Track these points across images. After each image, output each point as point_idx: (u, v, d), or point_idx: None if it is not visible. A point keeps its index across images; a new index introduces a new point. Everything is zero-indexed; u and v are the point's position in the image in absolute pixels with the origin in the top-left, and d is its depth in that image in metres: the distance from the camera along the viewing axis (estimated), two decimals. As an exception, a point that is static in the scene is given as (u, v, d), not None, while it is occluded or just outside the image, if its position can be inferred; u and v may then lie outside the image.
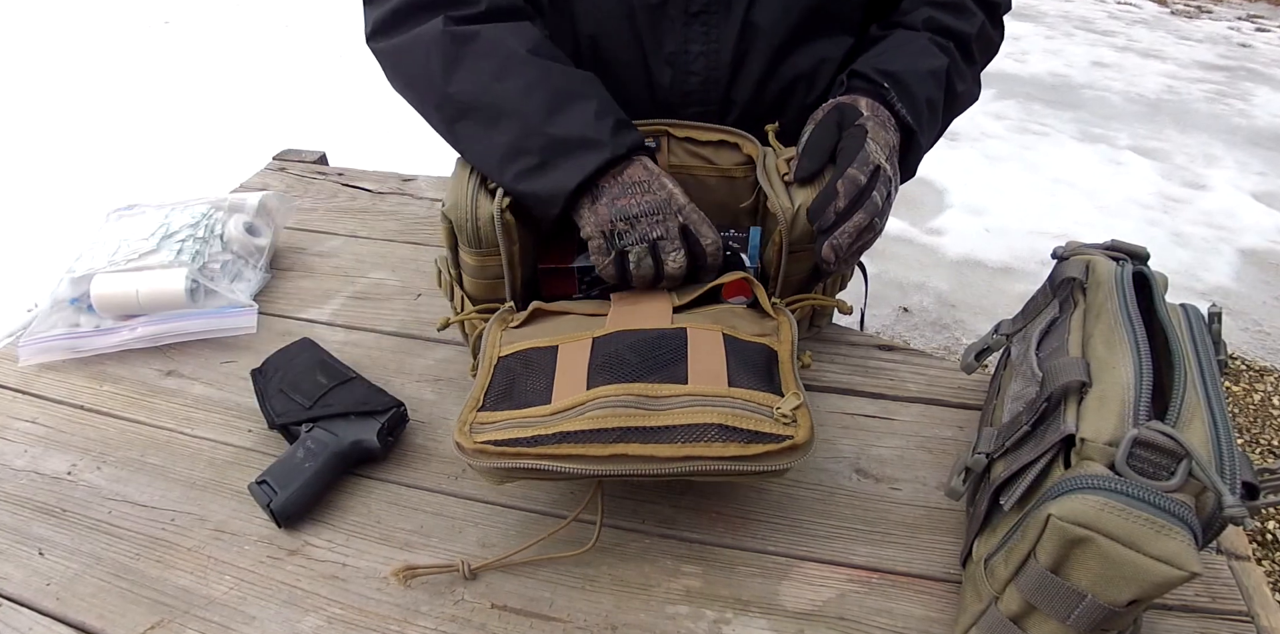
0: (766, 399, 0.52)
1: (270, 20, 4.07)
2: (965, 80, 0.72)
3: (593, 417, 0.50)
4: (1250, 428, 1.80)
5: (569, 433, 0.50)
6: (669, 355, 0.55)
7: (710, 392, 0.52)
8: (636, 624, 0.52)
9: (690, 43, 0.70)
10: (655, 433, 0.50)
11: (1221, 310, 0.53)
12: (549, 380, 0.55)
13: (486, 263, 0.64)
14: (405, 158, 2.51)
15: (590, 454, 0.49)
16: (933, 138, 0.71)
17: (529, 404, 0.54)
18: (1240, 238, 2.54)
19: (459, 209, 0.62)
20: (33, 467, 0.63)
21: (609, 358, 0.55)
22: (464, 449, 0.51)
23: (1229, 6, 5.34)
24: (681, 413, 0.50)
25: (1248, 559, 0.57)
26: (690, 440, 0.49)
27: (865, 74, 0.67)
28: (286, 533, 0.58)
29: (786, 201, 0.63)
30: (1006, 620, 0.46)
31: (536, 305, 0.63)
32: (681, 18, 0.69)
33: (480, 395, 0.55)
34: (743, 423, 0.50)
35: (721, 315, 0.61)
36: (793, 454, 0.50)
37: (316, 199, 1.02)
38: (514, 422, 0.52)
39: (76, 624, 0.52)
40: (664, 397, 0.52)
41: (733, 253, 0.67)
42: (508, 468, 0.50)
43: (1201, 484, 0.39)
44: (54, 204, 2.37)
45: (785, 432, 0.50)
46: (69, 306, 0.76)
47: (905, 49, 0.70)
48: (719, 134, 0.69)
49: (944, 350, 1.98)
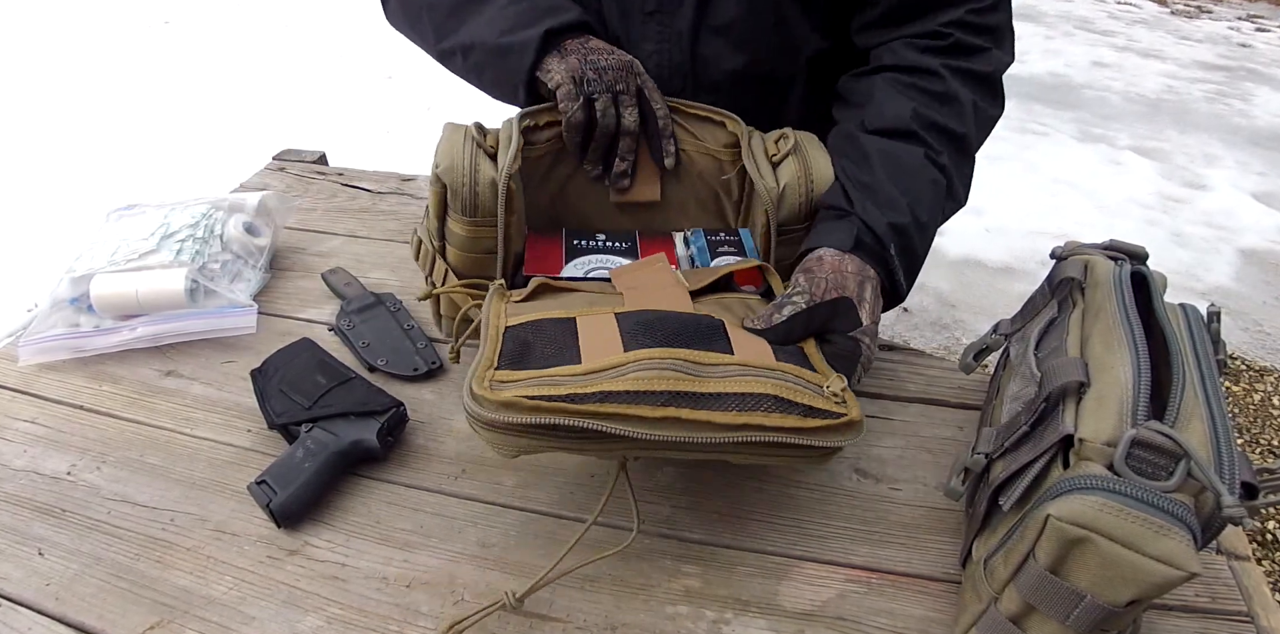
0: (814, 377, 0.50)
1: (270, 20, 4.07)
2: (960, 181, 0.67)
3: (637, 377, 0.45)
4: (1250, 428, 1.80)
5: (612, 392, 0.44)
6: (707, 330, 0.52)
7: (759, 363, 0.49)
8: (636, 624, 0.52)
9: (645, 41, 0.74)
10: (707, 400, 0.46)
11: (1220, 310, 0.53)
12: (573, 345, 0.49)
13: (480, 234, 0.60)
14: (405, 158, 2.51)
15: (640, 415, 0.44)
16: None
17: (556, 364, 0.47)
18: (1240, 238, 2.54)
19: (455, 171, 0.58)
20: (32, 467, 0.63)
21: (642, 325, 0.51)
22: (484, 401, 0.44)
23: (1229, 6, 5.34)
24: (733, 381, 0.47)
25: (1248, 559, 0.57)
26: (746, 409, 0.46)
27: (872, 227, 0.61)
28: (286, 533, 0.58)
29: (772, 181, 0.63)
30: (1006, 621, 0.46)
31: (541, 280, 0.58)
32: (639, 17, 0.73)
33: (493, 356, 0.48)
34: (797, 396, 0.47)
35: (735, 306, 0.59)
36: (848, 432, 0.48)
37: (316, 199, 1.02)
38: (542, 379, 0.46)
39: (76, 624, 0.52)
40: (712, 364, 0.48)
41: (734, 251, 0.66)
42: (540, 426, 0.43)
43: (1200, 484, 0.39)
44: (54, 204, 2.37)
45: (839, 409, 0.48)
46: (69, 306, 0.76)
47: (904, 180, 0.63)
48: (706, 111, 0.68)
49: (944, 350, 1.98)
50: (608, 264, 0.65)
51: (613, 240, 0.68)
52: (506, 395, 0.44)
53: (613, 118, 0.64)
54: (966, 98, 0.67)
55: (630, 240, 0.68)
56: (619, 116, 0.65)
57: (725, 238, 0.68)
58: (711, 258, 0.65)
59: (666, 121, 0.67)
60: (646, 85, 0.67)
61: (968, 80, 0.67)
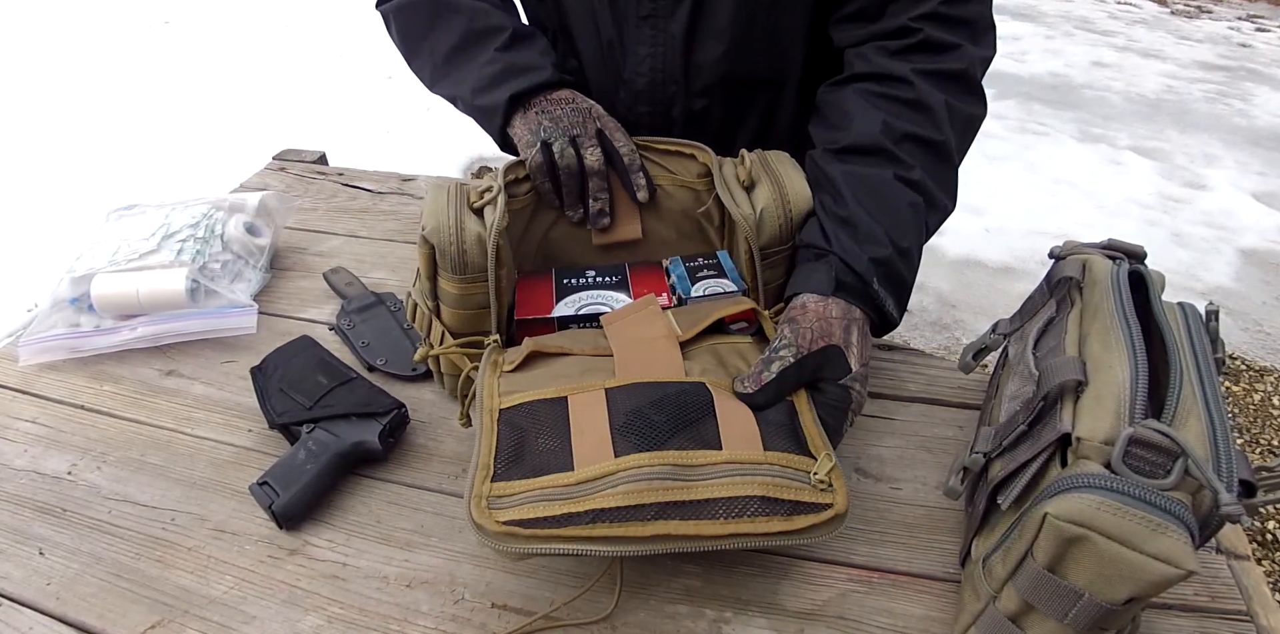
0: (802, 463, 0.50)
1: (270, 20, 4.08)
2: (939, 208, 0.66)
3: (626, 491, 0.47)
4: (1250, 428, 1.80)
5: (603, 511, 0.46)
6: (695, 413, 0.52)
7: (747, 458, 0.50)
8: (636, 624, 0.52)
9: (640, 44, 0.74)
10: (695, 507, 0.47)
11: (1218, 309, 0.53)
12: (565, 439, 0.51)
13: (470, 291, 0.61)
14: (405, 158, 2.51)
15: (630, 535, 0.46)
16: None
17: (547, 469, 0.49)
18: (1240, 238, 2.55)
19: (442, 232, 0.59)
20: (33, 466, 0.63)
21: (631, 417, 0.51)
22: (486, 532, 0.47)
23: (1229, 6, 5.34)
24: (720, 484, 0.48)
25: (1247, 558, 0.58)
26: (733, 516, 0.47)
27: (852, 265, 0.60)
28: (287, 533, 0.58)
29: (748, 209, 0.63)
30: (1005, 620, 0.46)
31: (532, 346, 0.58)
32: (633, 20, 0.73)
33: (490, 461, 0.50)
34: (783, 493, 0.48)
35: (727, 355, 0.59)
36: (833, 524, 0.49)
37: (316, 199, 1.02)
38: (536, 494, 0.48)
39: (77, 624, 0.52)
40: (700, 466, 0.49)
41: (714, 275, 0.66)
42: (538, 552, 0.47)
43: (1198, 482, 0.39)
44: (54, 204, 2.37)
45: (825, 500, 0.49)
46: (69, 306, 0.76)
47: (877, 204, 0.62)
48: (673, 145, 0.69)
49: (944, 350, 1.98)
50: (599, 299, 0.65)
51: (602, 275, 0.67)
52: (505, 519, 0.47)
53: (573, 158, 0.66)
54: (938, 102, 0.65)
55: (620, 273, 0.67)
56: (580, 157, 0.66)
57: (704, 263, 0.67)
58: (692, 284, 0.65)
59: (633, 157, 0.67)
60: (607, 126, 0.68)
61: (939, 82, 0.66)
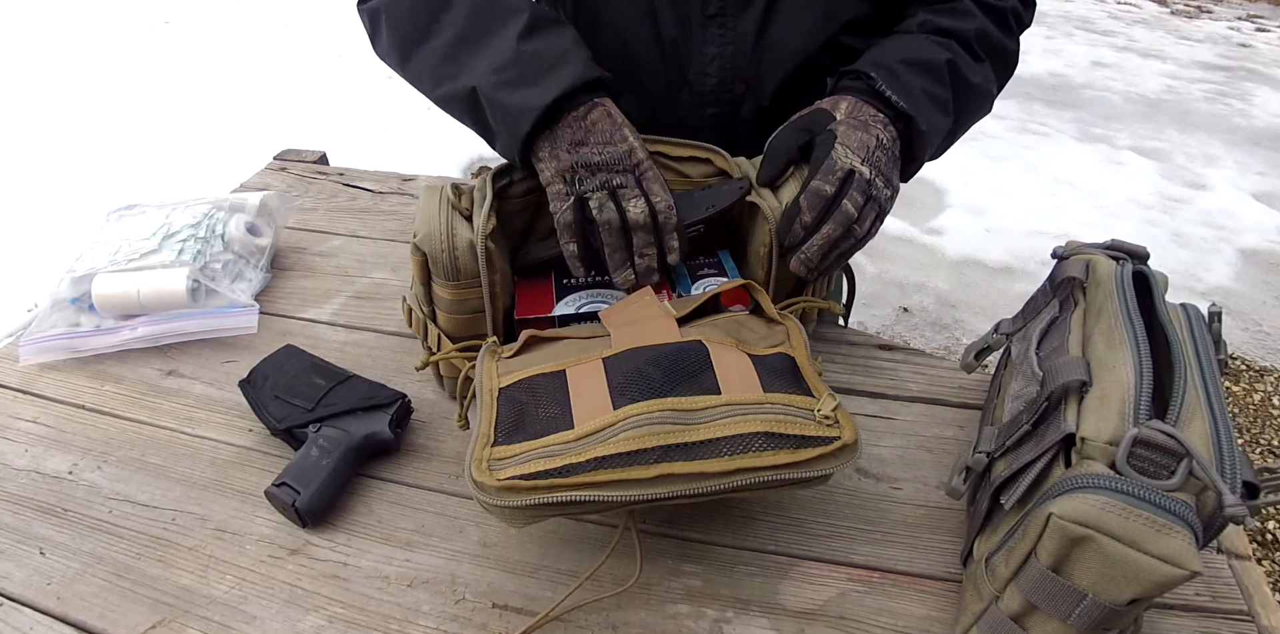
0: (805, 402, 0.50)
1: (270, 20, 4.08)
2: (976, 73, 0.69)
3: (628, 437, 0.47)
4: (1250, 428, 1.80)
5: (605, 457, 0.46)
6: (693, 366, 0.52)
7: (747, 399, 0.49)
8: (637, 624, 0.52)
9: (707, 44, 0.72)
10: (699, 448, 0.47)
11: (1221, 310, 0.53)
12: (565, 405, 0.51)
13: (465, 296, 0.60)
14: (405, 158, 2.51)
15: (632, 478, 0.45)
16: (943, 126, 0.68)
17: (548, 432, 0.49)
18: (1240, 238, 2.55)
19: (433, 240, 0.58)
20: (34, 466, 0.63)
21: (629, 376, 0.51)
22: (486, 488, 0.46)
23: (1229, 6, 5.34)
24: (722, 424, 0.48)
25: (1248, 559, 0.57)
26: (737, 452, 0.46)
27: (854, 70, 0.66)
28: (287, 532, 0.58)
29: (775, 202, 0.63)
30: (1007, 620, 0.46)
31: (530, 333, 0.58)
32: (699, 20, 0.71)
33: (490, 430, 0.50)
34: (787, 428, 0.48)
35: (728, 325, 0.59)
36: (842, 455, 0.48)
37: (317, 199, 1.02)
38: (537, 452, 0.48)
39: (77, 624, 0.52)
40: (700, 409, 0.49)
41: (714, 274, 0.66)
42: (540, 504, 0.46)
43: (1202, 483, 0.39)
44: (54, 204, 2.37)
45: (831, 433, 0.48)
46: (69, 306, 0.76)
47: (899, 45, 0.68)
48: (690, 150, 0.68)
49: (944, 350, 1.98)
50: (599, 297, 0.64)
51: (602, 274, 0.66)
52: (505, 476, 0.46)
53: (613, 212, 0.59)
54: (978, 15, 0.71)
55: None
56: (621, 211, 0.60)
57: (704, 261, 0.67)
58: (693, 282, 0.65)
59: (669, 214, 0.60)
60: (646, 176, 0.61)
61: (985, 10, 0.71)
